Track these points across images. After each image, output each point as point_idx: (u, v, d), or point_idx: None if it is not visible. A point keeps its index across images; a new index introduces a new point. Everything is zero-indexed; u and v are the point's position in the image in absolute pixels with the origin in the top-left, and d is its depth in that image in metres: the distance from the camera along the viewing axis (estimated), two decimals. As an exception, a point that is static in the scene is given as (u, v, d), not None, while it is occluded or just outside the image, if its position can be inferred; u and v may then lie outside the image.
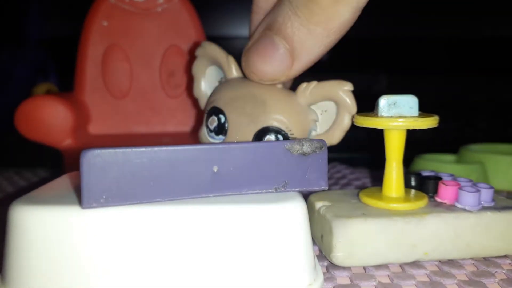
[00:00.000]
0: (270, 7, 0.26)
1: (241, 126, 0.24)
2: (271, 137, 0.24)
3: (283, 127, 0.24)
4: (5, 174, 0.42)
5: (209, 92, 0.29)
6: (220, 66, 0.28)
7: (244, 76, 0.26)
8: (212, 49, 0.28)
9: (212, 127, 0.25)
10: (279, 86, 0.26)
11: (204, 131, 0.26)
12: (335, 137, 0.25)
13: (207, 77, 0.29)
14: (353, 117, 0.24)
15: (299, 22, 0.22)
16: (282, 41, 0.23)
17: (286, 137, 0.24)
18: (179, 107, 0.39)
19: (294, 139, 0.19)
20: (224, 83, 0.27)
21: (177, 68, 0.39)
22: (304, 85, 0.25)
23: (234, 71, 0.27)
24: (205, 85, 0.29)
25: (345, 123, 0.25)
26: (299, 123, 0.24)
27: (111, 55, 0.38)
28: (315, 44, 0.22)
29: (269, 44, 0.23)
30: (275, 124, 0.24)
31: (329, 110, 0.25)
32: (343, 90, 0.24)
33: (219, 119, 0.25)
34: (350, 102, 0.24)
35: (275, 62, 0.23)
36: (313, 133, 0.26)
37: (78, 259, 0.17)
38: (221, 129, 0.25)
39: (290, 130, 0.24)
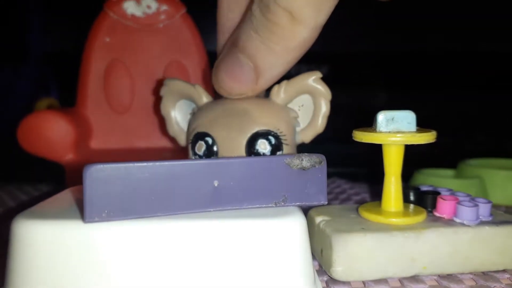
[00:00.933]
0: (235, 25, 0.27)
1: (230, 140, 0.24)
2: (263, 140, 0.24)
3: (271, 128, 0.24)
4: (6, 189, 0.42)
5: (184, 127, 0.29)
6: (189, 98, 0.28)
7: (215, 99, 0.27)
8: (177, 84, 0.28)
9: (201, 152, 0.25)
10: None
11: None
12: (319, 126, 0.26)
13: (177, 113, 0.29)
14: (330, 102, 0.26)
15: (260, 41, 0.23)
16: (246, 59, 0.24)
17: (277, 137, 0.24)
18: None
19: (293, 154, 0.19)
20: (198, 111, 0.27)
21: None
22: (275, 87, 0.26)
23: (204, 98, 0.27)
24: (178, 121, 0.29)
25: (324, 110, 0.26)
26: (284, 122, 0.25)
27: (113, 70, 0.38)
28: (276, 61, 0.23)
29: (235, 61, 0.24)
30: (263, 127, 0.24)
31: (305, 103, 0.26)
32: (314, 80, 0.25)
33: (206, 142, 0.25)
34: (323, 88, 0.25)
35: (241, 78, 0.24)
36: (297, 129, 0.26)
37: (81, 273, 0.17)
38: (211, 152, 0.25)
39: (279, 129, 0.25)
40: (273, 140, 0.24)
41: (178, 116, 0.29)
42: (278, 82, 0.26)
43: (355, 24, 0.68)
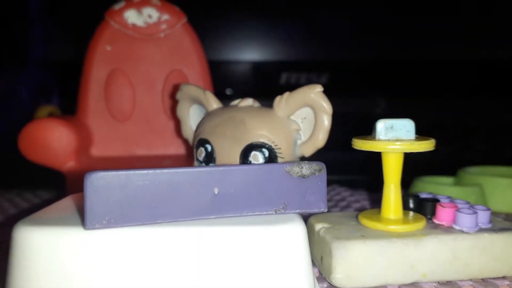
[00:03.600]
0: None
1: (226, 149, 0.25)
2: (257, 152, 0.25)
3: (266, 141, 0.25)
4: (6, 196, 0.42)
5: None
6: (200, 103, 0.29)
7: (224, 106, 0.28)
8: (190, 89, 0.29)
9: (201, 158, 0.26)
10: (256, 105, 0.27)
11: (195, 165, 0.27)
12: (319, 140, 0.26)
13: (191, 116, 0.30)
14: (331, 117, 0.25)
15: None
16: None
17: (271, 150, 0.25)
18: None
19: (293, 162, 0.19)
20: (205, 116, 0.28)
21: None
22: (278, 98, 0.26)
23: (213, 104, 0.28)
24: (191, 125, 0.30)
25: (325, 124, 0.26)
26: (281, 134, 0.25)
27: (114, 79, 0.38)
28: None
29: None
30: (258, 139, 0.25)
31: (308, 116, 0.26)
32: (315, 93, 0.25)
33: (206, 149, 0.26)
34: (324, 103, 0.25)
35: None
36: (298, 141, 0.26)
37: (81, 279, 0.17)
38: (209, 158, 0.26)
39: (274, 142, 0.25)
40: (266, 153, 0.25)
41: (192, 119, 0.30)
42: (281, 93, 0.26)
43: (355, 34, 0.68)
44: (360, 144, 0.23)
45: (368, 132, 0.24)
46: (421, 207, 0.25)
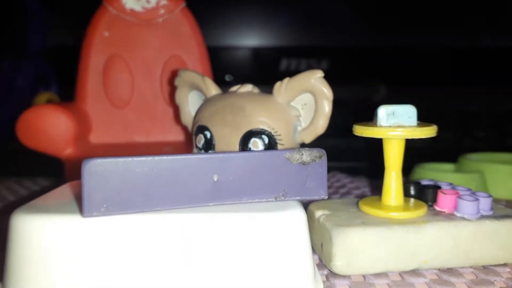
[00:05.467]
0: None
1: (225, 136, 0.25)
2: (256, 139, 0.24)
3: (265, 127, 0.24)
4: (5, 183, 0.42)
5: None
6: (199, 89, 0.28)
7: (223, 92, 0.27)
8: (188, 75, 0.28)
9: (200, 145, 0.26)
10: (256, 91, 0.26)
11: (195, 152, 0.26)
12: (320, 126, 0.25)
13: (190, 103, 0.29)
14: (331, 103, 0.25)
15: None
16: None
17: (270, 137, 0.24)
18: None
19: (293, 149, 0.19)
20: (204, 103, 0.27)
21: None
22: (278, 84, 0.25)
23: (212, 90, 0.27)
24: (190, 111, 0.29)
25: (326, 110, 0.25)
26: (281, 121, 0.25)
27: (113, 65, 0.38)
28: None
29: None
30: (257, 126, 0.24)
31: (308, 102, 0.26)
32: (315, 78, 0.25)
33: (205, 136, 0.25)
34: (324, 88, 0.25)
35: None
36: (299, 128, 0.26)
37: (79, 267, 0.17)
38: (209, 145, 0.25)
39: (273, 129, 0.25)
40: (266, 140, 0.24)
41: (190, 105, 0.29)
42: (281, 79, 0.26)
43: (356, 19, 0.67)
44: (361, 131, 0.23)
45: (369, 118, 0.24)
46: (422, 194, 0.25)
